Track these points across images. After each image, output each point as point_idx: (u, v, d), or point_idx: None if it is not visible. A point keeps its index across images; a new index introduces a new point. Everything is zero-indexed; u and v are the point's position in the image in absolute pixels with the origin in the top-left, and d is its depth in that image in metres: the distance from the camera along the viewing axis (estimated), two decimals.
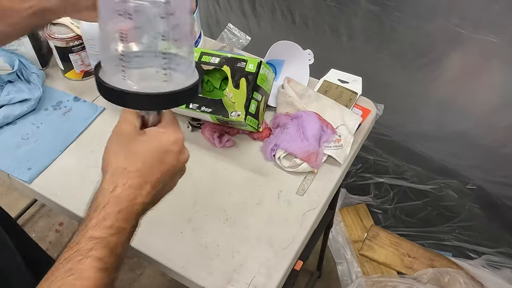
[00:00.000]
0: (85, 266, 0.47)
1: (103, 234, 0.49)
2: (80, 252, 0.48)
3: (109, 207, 0.50)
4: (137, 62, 0.48)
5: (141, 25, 0.46)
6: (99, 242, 0.48)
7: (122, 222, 0.50)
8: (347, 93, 0.98)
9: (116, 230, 0.49)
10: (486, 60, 1.16)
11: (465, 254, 1.48)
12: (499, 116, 1.23)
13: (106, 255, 0.48)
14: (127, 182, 0.50)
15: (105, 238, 0.48)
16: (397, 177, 1.55)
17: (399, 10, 1.18)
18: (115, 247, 0.49)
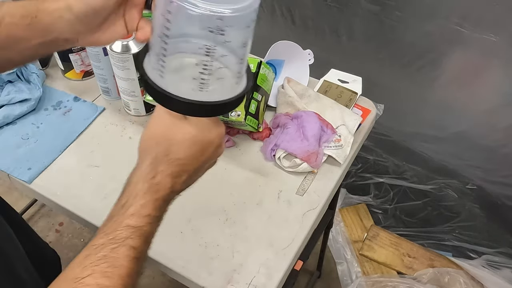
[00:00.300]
0: (120, 254, 0.46)
1: (140, 223, 0.48)
2: (116, 240, 0.46)
3: (148, 195, 0.49)
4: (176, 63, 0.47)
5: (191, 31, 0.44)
6: (135, 231, 0.47)
7: (158, 211, 0.49)
8: (347, 93, 0.98)
9: (153, 219, 0.48)
10: (486, 60, 1.16)
11: (465, 254, 1.48)
12: (499, 116, 1.23)
13: (141, 245, 0.47)
14: (167, 170, 0.49)
15: (141, 227, 0.48)
16: (397, 177, 1.55)
17: (399, 10, 1.18)
18: (149, 236, 0.49)
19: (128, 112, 0.98)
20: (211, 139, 0.51)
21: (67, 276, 0.45)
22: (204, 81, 0.46)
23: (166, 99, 0.47)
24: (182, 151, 0.50)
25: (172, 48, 0.45)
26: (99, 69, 0.95)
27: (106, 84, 0.98)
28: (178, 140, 0.49)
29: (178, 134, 0.50)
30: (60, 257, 0.96)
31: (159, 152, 0.49)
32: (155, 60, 0.47)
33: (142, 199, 0.48)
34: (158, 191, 0.49)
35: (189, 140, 0.50)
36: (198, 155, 0.51)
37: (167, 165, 0.49)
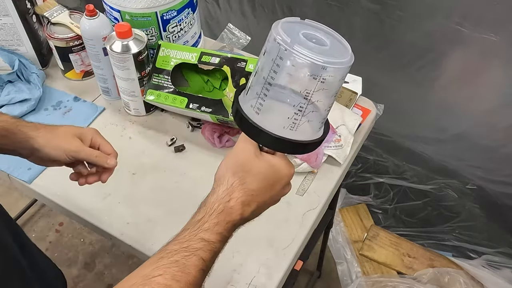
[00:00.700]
0: (190, 262, 0.50)
1: (213, 239, 0.52)
2: (189, 249, 0.51)
3: (222, 216, 0.53)
4: (273, 104, 0.52)
5: (293, 75, 0.49)
6: (207, 244, 0.52)
7: (228, 232, 0.54)
8: (347, 93, 0.98)
9: (223, 238, 0.53)
10: (486, 60, 1.16)
11: (465, 254, 1.48)
12: (499, 116, 1.23)
13: (209, 259, 0.52)
14: (241, 197, 0.54)
15: (213, 243, 0.52)
16: (397, 177, 1.55)
17: (400, 9, 1.18)
18: (217, 253, 0.53)
19: (128, 112, 0.98)
20: (281, 177, 0.57)
21: (139, 273, 0.49)
22: (296, 121, 0.52)
23: (259, 133, 0.52)
24: (255, 182, 0.55)
25: (273, 93, 0.51)
26: (99, 69, 0.95)
27: (106, 84, 0.98)
28: (253, 172, 0.55)
29: (254, 167, 0.55)
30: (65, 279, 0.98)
31: (235, 180, 0.55)
32: (254, 98, 0.52)
33: (216, 218, 0.53)
34: (230, 214, 0.54)
35: (263, 174, 0.55)
36: (268, 188, 0.56)
37: (241, 193, 0.54)
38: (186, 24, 0.97)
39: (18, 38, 1.01)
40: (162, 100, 0.89)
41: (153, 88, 0.90)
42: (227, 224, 0.53)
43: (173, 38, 0.96)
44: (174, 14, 0.92)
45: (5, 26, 0.98)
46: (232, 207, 0.54)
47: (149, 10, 0.90)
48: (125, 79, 0.90)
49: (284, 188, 0.58)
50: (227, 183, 0.55)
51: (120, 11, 0.91)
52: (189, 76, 0.96)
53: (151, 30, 0.93)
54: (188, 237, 0.52)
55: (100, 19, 0.89)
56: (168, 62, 0.90)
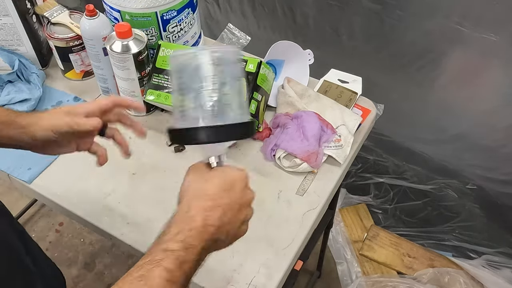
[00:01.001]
0: (155, 274, 0.50)
1: (175, 247, 0.52)
2: (152, 262, 0.51)
3: (182, 224, 0.54)
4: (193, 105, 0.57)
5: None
6: (170, 254, 0.52)
7: (193, 240, 0.53)
8: (347, 93, 0.98)
9: (187, 245, 0.53)
10: (486, 60, 1.16)
11: (465, 254, 1.48)
12: (499, 116, 1.23)
13: (175, 269, 0.51)
14: (200, 205, 0.55)
15: (175, 251, 0.52)
16: (397, 177, 1.55)
17: (400, 8, 1.18)
18: (183, 262, 0.52)
19: (128, 112, 0.98)
20: (234, 178, 0.59)
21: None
22: (214, 108, 0.55)
23: (186, 133, 0.56)
24: (211, 188, 0.57)
25: (188, 98, 0.56)
26: (99, 69, 0.95)
27: (106, 84, 0.98)
28: (207, 181, 0.58)
29: (206, 177, 0.58)
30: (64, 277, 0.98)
31: (193, 192, 0.57)
32: (177, 114, 0.57)
33: (177, 228, 0.54)
34: (192, 222, 0.54)
35: (216, 180, 0.58)
36: (226, 192, 0.57)
37: (199, 201, 0.56)
38: (186, 24, 0.97)
39: (18, 38, 1.01)
40: (162, 100, 0.89)
41: (153, 88, 0.90)
42: (190, 232, 0.53)
43: (173, 38, 0.96)
44: (174, 14, 0.92)
45: (5, 26, 0.98)
46: (192, 216, 0.54)
47: (149, 10, 0.90)
48: (125, 79, 0.90)
49: (244, 190, 0.59)
50: (186, 197, 0.57)
51: (120, 11, 0.91)
52: None
53: (151, 30, 0.93)
54: (151, 251, 0.53)
55: (100, 19, 0.89)
56: (168, 62, 0.90)
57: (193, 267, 0.53)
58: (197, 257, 0.53)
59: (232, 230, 0.58)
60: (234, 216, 0.58)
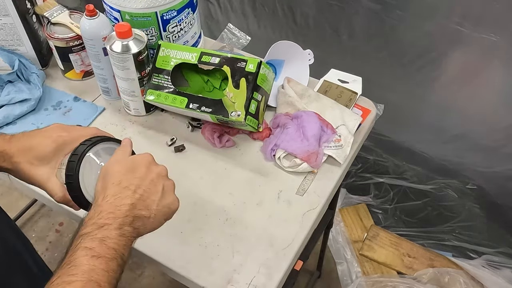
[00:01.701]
0: (77, 255, 0.53)
1: (88, 230, 0.55)
2: (72, 249, 0.54)
3: (91, 212, 0.58)
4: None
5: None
6: (85, 236, 0.55)
7: (105, 220, 0.56)
8: (347, 93, 0.98)
9: (99, 225, 0.56)
10: (486, 60, 1.16)
11: (465, 254, 1.48)
12: (500, 116, 1.23)
13: (96, 245, 0.54)
14: (107, 192, 0.59)
15: (89, 232, 0.55)
16: (397, 177, 1.55)
17: (400, 8, 1.18)
18: (103, 239, 0.55)
19: (128, 112, 0.98)
20: (134, 160, 0.64)
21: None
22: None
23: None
24: (114, 175, 0.61)
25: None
26: (99, 69, 0.95)
27: (106, 84, 0.98)
28: (108, 172, 0.62)
29: (108, 170, 0.62)
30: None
31: (99, 188, 0.61)
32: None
33: (87, 217, 0.58)
34: (98, 207, 0.58)
35: (117, 164, 0.62)
36: (130, 170, 0.62)
37: (106, 189, 0.60)
38: (186, 24, 0.97)
39: (18, 38, 1.01)
40: (162, 100, 0.89)
41: (153, 88, 0.90)
42: (100, 214, 0.57)
43: (173, 38, 0.96)
44: (174, 14, 0.92)
45: (5, 26, 0.98)
46: (100, 204, 0.58)
47: (149, 10, 0.90)
48: (125, 79, 0.90)
49: (150, 166, 0.63)
50: (96, 196, 0.61)
51: (120, 11, 0.91)
52: (189, 76, 0.96)
53: (151, 30, 0.93)
54: (72, 246, 0.56)
55: (100, 19, 0.89)
56: (168, 62, 0.90)
57: (120, 243, 0.56)
58: (117, 232, 0.56)
59: (154, 204, 0.61)
60: (147, 190, 0.61)
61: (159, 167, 0.65)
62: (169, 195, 0.64)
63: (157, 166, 0.65)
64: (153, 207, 0.61)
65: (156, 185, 0.62)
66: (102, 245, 0.54)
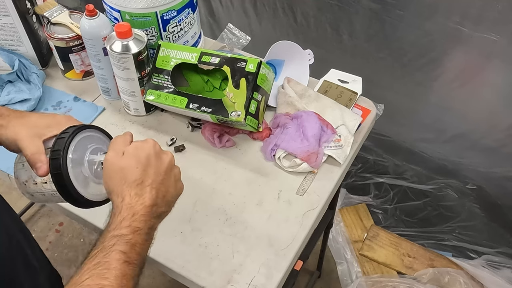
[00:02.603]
0: (111, 258, 0.53)
1: (123, 232, 0.55)
2: (105, 248, 0.54)
3: (124, 212, 0.57)
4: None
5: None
6: (120, 238, 0.55)
7: (138, 223, 0.57)
8: (347, 93, 0.98)
9: (134, 229, 0.56)
10: (486, 59, 1.16)
11: (465, 254, 1.48)
12: (500, 116, 1.23)
13: (128, 250, 0.54)
14: (131, 191, 0.58)
15: (125, 235, 0.55)
16: (397, 177, 1.55)
17: (400, 8, 1.18)
18: (135, 244, 0.55)
19: (128, 112, 0.98)
20: (145, 152, 0.61)
21: (71, 281, 0.52)
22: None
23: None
24: (131, 171, 0.59)
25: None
26: (99, 69, 0.95)
27: (106, 84, 0.98)
28: (123, 166, 0.60)
29: (122, 163, 0.60)
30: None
31: (117, 184, 0.59)
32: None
33: (119, 216, 0.57)
34: (131, 208, 0.58)
35: (131, 159, 0.60)
36: (145, 166, 0.60)
37: (128, 188, 0.59)
38: (186, 24, 0.97)
39: (18, 38, 1.01)
40: (162, 100, 0.89)
41: (153, 88, 0.90)
42: (134, 216, 0.57)
43: (173, 38, 0.96)
44: (174, 14, 0.92)
45: (5, 26, 0.98)
46: (129, 203, 0.57)
47: (149, 10, 0.89)
48: (125, 79, 0.90)
49: (160, 158, 0.61)
50: (114, 191, 0.59)
51: (120, 11, 0.91)
52: (189, 76, 0.96)
53: (151, 30, 0.93)
54: (101, 241, 0.55)
55: (100, 19, 0.89)
56: (168, 62, 0.90)
57: (144, 248, 0.57)
58: (146, 237, 0.57)
59: (169, 197, 0.62)
60: (164, 186, 0.61)
61: (168, 155, 0.64)
62: (179, 183, 0.64)
63: (167, 155, 0.63)
64: (169, 200, 0.62)
65: (170, 177, 0.62)
66: (132, 251, 0.55)
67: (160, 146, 0.64)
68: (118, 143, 0.63)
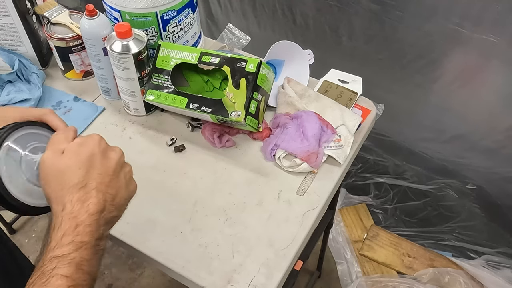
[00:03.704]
0: (51, 285, 0.45)
1: (65, 251, 0.47)
2: (44, 274, 0.46)
3: (65, 224, 0.49)
4: None
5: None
6: (62, 259, 0.47)
7: (83, 236, 0.49)
8: (347, 93, 0.98)
9: (78, 245, 0.48)
10: (486, 60, 1.16)
11: (465, 254, 1.48)
12: (499, 117, 1.23)
13: (72, 272, 0.47)
14: (73, 197, 0.50)
15: (67, 255, 0.47)
16: (397, 177, 1.55)
17: (399, 9, 1.18)
18: (80, 263, 0.47)
19: (128, 112, 0.98)
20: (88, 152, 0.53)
21: None
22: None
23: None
24: (72, 174, 0.51)
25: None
26: (99, 69, 0.95)
27: (106, 84, 0.98)
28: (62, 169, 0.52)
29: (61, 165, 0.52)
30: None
31: (55, 190, 0.51)
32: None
33: (60, 231, 0.49)
34: (73, 218, 0.49)
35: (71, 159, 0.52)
36: (88, 168, 0.52)
37: (69, 193, 0.51)
38: (186, 24, 0.97)
39: (18, 38, 1.01)
40: (162, 100, 0.89)
41: (153, 88, 0.90)
42: (77, 229, 0.49)
43: (173, 38, 0.96)
44: (174, 14, 0.92)
45: (5, 26, 0.98)
46: (70, 212, 0.49)
47: (149, 10, 0.90)
48: (125, 79, 0.90)
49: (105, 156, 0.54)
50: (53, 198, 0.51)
51: (120, 11, 0.91)
52: (189, 76, 0.96)
53: (151, 30, 0.93)
54: (41, 264, 0.47)
55: (100, 19, 0.89)
56: (168, 62, 0.90)
57: (93, 263, 0.49)
58: (94, 250, 0.49)
59: (120, 200, 0.54)
60: (113, 188, 0.53)
61: (117, 152, 0.56)
62: (131, 181, 0.57)
63: (115, 152, 0.56)
64: (121, 203, 0.55)
65: (120, 177, 0.55)
66: (79, 271, 0.47)
67: (106, 141, 0.57)
68: (57, 141, 0.55)
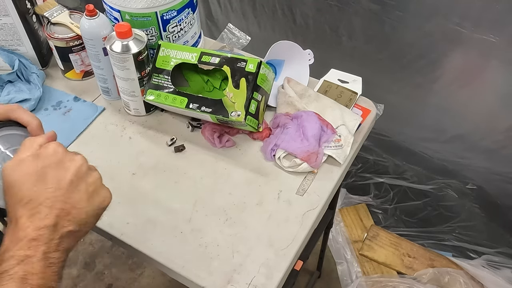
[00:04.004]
0: None
1: (6, 267, 0.45)
2: None
3: (8, 239, 0.47)
4: None
5: None
6: (4, 275, 0.45)
7: (26, 250, 0.46)
8: (347, 93, 0.98)
9: (20, 258, 0.46)
10: (486, 60, 1.16)
11: (465, 254, 1.48)
12: (499, 117, 1.23)
13: (17, 286, 0.45)
14: (24, 213, 0.48)
15: (9, 270, 0.45)
16: (397, 177, 1.55)
17: (399, 9, 1.18)
18: (25, 277, 0.45)
19: (128, 112, 0.98)
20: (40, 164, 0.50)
21: None
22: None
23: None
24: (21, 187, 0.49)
25: None
26: (99, 69, 0.95)
27: (106, 84, 0.98)
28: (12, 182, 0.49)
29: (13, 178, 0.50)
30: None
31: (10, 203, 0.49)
32: None
33: (4, 245, 0.47)
34: (15, 233, 0.47)
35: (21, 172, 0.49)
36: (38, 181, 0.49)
37: (18, 208, 0.48)
38: (186, 24, 0.97)
39: (18, 38, 1.01)
40: (162, 100, 0.89)
41: (153, 88, 0.90)
42: (20, 243, 0.46)
43: (173, 38, 0.96)
44: (174, 14, 0.92)
45: (5, 26, 0.98)
46: (14, 228, 0.47)
47: (149, 10, 0.90)
48: (125, 79, 0.90)
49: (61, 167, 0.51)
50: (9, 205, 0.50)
51: (120, 11, 0.91)
52: (189, 76, 0.96)
53: (151, 30, 0.93)
54: None
55: (100, 19, 0.89)
56: (168, 62, 0.90)
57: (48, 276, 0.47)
58: (45, 263, 0.47)
59: (81, 213, 0.50)
60: (69, 202, 0.50)
61: (76, 161, 0.52)
62: (97, 192, 0.53)
63: (72, 160, 0.52)
64: (81, 217, 0.50)
65: (79, 189, 0.51)
66: (25, 285, 0.44)
67: (65, 149, 0.53)
68: (25, 148, 0.51)
